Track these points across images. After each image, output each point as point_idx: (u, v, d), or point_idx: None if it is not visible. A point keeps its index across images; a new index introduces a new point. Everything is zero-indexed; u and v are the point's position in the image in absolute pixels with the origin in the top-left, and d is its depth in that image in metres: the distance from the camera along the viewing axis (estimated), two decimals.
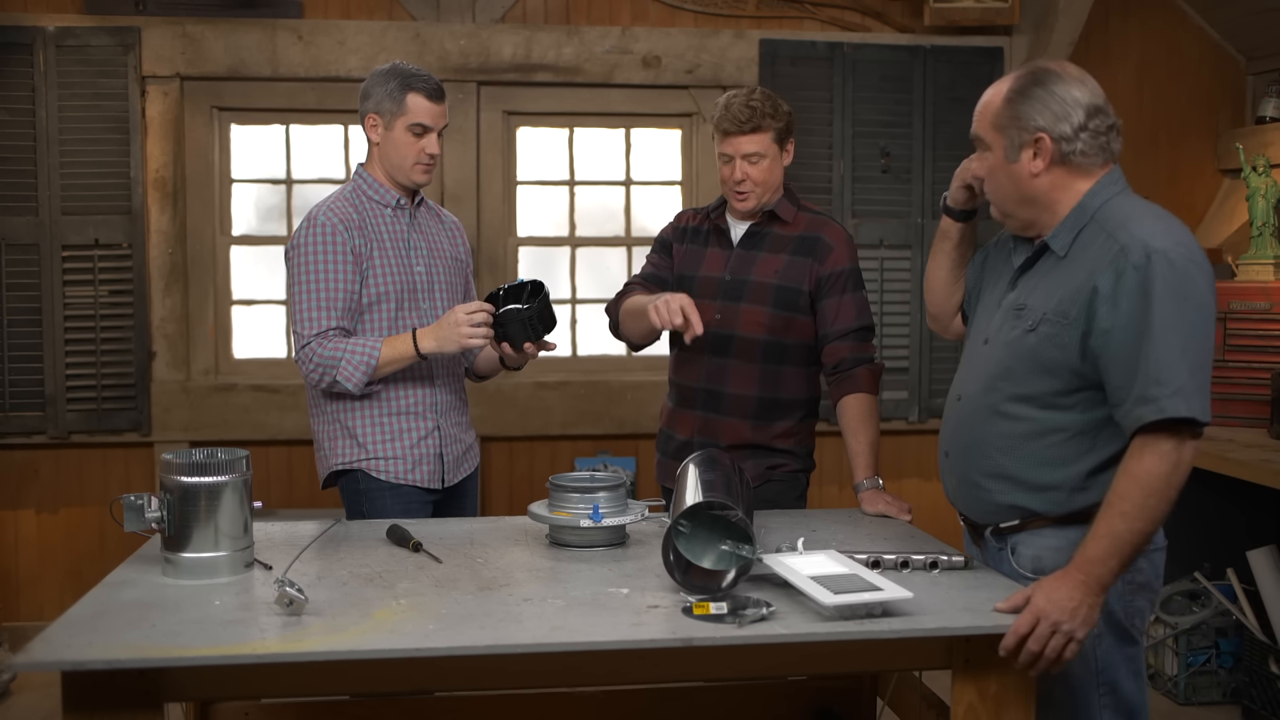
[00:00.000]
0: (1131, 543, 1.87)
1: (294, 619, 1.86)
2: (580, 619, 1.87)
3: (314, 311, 2.71)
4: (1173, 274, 1.86)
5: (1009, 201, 2.07)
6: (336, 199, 2.82)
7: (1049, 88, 1.98)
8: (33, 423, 4.24)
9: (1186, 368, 1.85)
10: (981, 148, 2.08)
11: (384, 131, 2.80)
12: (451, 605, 1.94)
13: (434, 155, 2.81)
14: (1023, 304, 2.06)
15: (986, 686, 1.90)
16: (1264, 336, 4.00)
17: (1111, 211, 1.98)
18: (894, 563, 2.17)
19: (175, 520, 2.12)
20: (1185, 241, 1.91)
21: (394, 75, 2.79)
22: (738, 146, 2.72)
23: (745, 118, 2.70)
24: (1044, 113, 1.98)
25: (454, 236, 3.02)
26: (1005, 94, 2.02)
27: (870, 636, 1.83)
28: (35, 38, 4.14)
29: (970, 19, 4.41)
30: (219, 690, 1.84)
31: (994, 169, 2.06)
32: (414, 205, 2.90)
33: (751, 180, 2.74)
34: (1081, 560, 1.89)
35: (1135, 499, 1.86)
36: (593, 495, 2.35)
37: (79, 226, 4.22)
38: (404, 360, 2.72)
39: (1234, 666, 3.86)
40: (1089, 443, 2.00)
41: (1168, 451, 1.86)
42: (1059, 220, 2.03)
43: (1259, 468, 3.38)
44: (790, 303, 2.75)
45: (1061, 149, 1.99)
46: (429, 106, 2.78)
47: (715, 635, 1.80)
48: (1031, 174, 2.01)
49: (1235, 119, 4.76)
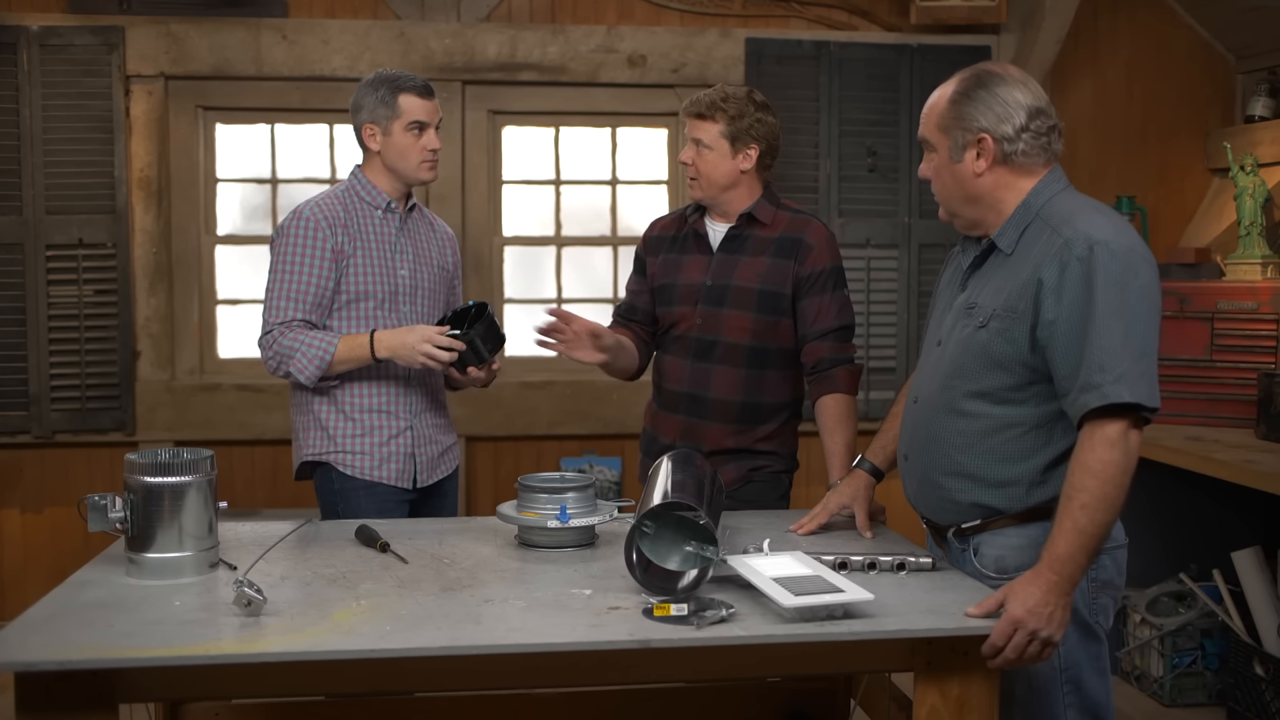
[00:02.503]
0: (1095, 535, 1.88)
1: (252, 620, 1.86)
2: (539, 620, 1.86)
3: (282, 301, 2.75)
4: (1114, 263, 1.89)
5: (954, 201, 2.11)
6: (327, 196, 2.86)
7: (991, 90, 2.02)
8: (17, 422, 4.23)
9: (1130, 354, 1.87)
10: (928, 149, 2.12)
11: (383, 138, 2.83)
12: (412, 606, 1.93)
13: (435, 150, 2.86)
14: (973, 303, 2.08)
15: (949, 689, 1.89)
16: (1251, 337, 3.98)
17: (1055, 208, 2.02)
18: (861, 564, 2.16)
19: (139, 520, 2.11)
20: (1127, 232, 1.95)
21: (381, 82, 2.84)
22: (690, 129, 2.75)
23: (705, 104, 2.73)
24: (986, 114, 2.02)
25: (444, 246, 3.03)
26: (949, 96, 2.06)
27: (829, 638, 1.82)
28: (19, 37, 4.14)
29: (957, 18, 4.40)
30: (174, 691, 1.84)
31: (939, 169, 2.10)
32: (406, 209, 2.90)
33: (695, 167, 2.75)
34: (1050, 559, 1.89)
35: (1092, 489, 1.87)
36: (561, 496, 2.34)
37: (63, 226, 4.21)
38: (359, 361, 2.74)
39: (1220, 668, 3.84)
40: (1045, 436, 2.02)
41: (1115, 439, 1.87)
42: (1004, 219, 2.06)
43: (1241, 468, 3.36)
44: (774, 306, 2.73)
45: (1004, 149, 2.03)
46: (422, 104, 2.82)
47: (673, 637, 1.79)
48: (975, 174, 2.05)
49: (1225, 118, 4.74)
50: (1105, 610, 2.06)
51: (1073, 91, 4.64)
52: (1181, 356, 4.01)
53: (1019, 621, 1.85)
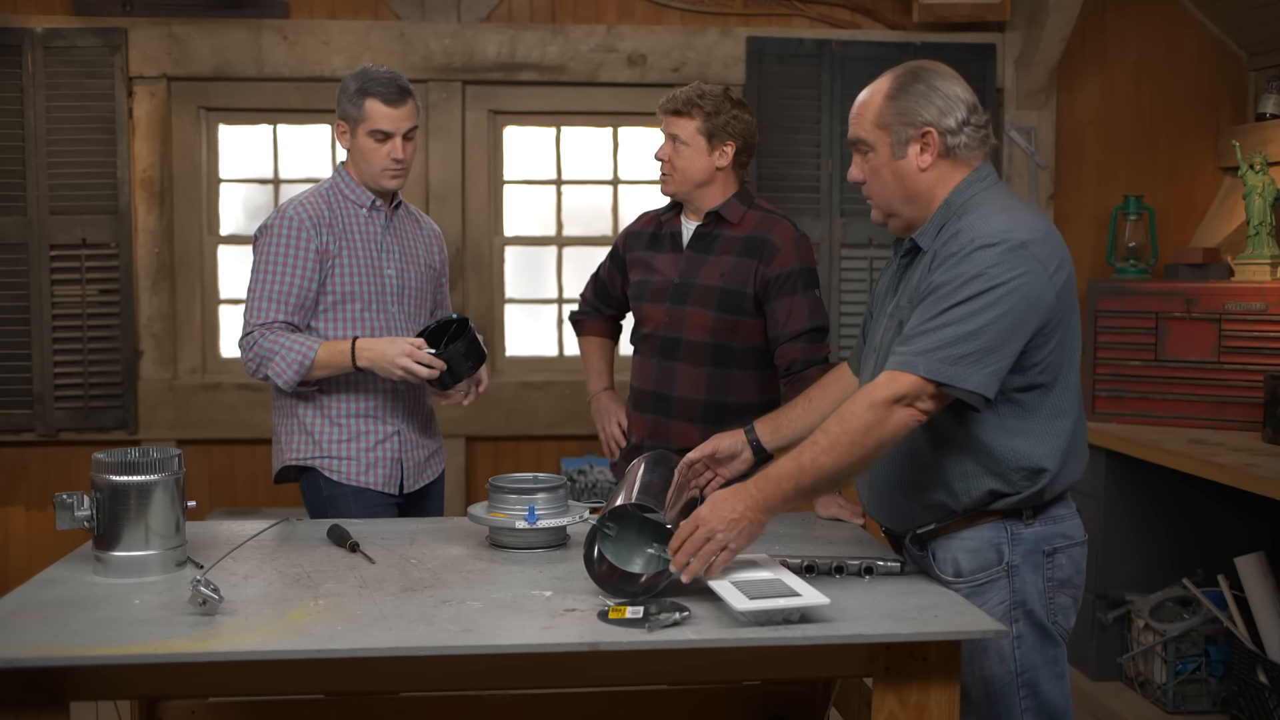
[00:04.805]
0: (812, 474, 1.89)
1: (206, 619, 1.85)
2: (491, 622, 1.85)
3: (264, 302, 2.71)
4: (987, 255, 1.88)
5: (894, 200, 2.06)
6: (311, 194, 2.82)
7: (930, 83, 2.00)
8: (21, 420, 4.27)
9: (965, 338, 1.85)
10: (861, 150, 2.07)
11: (351, 139, 2.79)
12: (368, 606, 1.93)
13: (400, 160, 2.77)
14: (899, 305, 2.07)
15: (908, 695, 1.86)
16: (1259, 338, 3.91)
17: (972, 204, 1.99)
18: (828, 567, 2.13)
19: (105, 519, 2.12)
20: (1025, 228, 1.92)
21: (355, 80, 2.78)
22: (667, 125, 2.76)
23: (682, 100, 2.74)
24: (928, 107, 2.00)
25: (431, 244, 2.99)
26: (886, 92, 2.02)
27: (782, 643, 1.80)
28: (23, 39, 4.18)
29: (960, 15, 4.35)
30: (125, 690, 1.84)
31: (878, 168, 2.05)
32: (391, 208, 2.87)
33: (670, 163, 2.75)
34: (761, 474, 1.93)
35: (833, 432, 1.90)
36: (530, 497, 2.32)
37: (66, 226, 4.25)
38: (339, 369, 2.70)
39: (1224, 675, 3.77)
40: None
41: (877, 404, 1.88)
42: None
43: (1241, 472, 3.30)
44: (734, 305, 2.72)
45: (947, 142, 2.00)
46: (387, 112, 2.73)
47: (623, 640, 1.78)
48: (919, 169, 2.02)
49: (1237, 116, 4.66)
50: (1064, 611, 2.03)
51: (1080, 90, 4.58)
52: (1188, 358, 3.94)
53: (701, 519, 1.88)
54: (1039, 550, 2.03)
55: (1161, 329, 3.98)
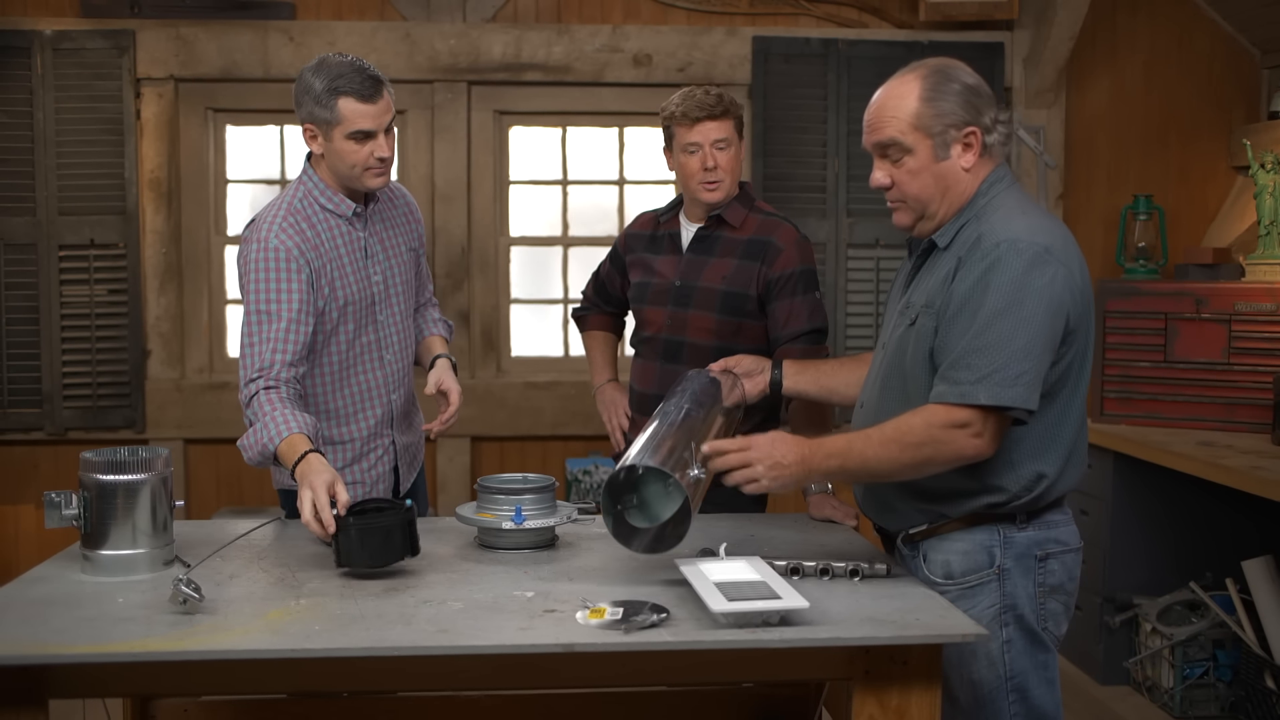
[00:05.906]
0: (859, 463, 1.94)
1: (185, 618, 1.86)
2: (469, 622, 1.85)
3: (263, 347, 2.43)
4: (1017, 260, 1.89)
5: (934, 201, 2.04)
6: (288, 213, 2.53)
7: (963, 82, 2.00)
8: (30, 419, 4.31)
9: (1009, 353, 1.86)
10: (895, 153, 2.03)
11: (324, 142, 2.50)
12: (348, 606, 1.93)
13: (384, 158, 2.50)
14: (910, 303, 2.06)
15: (888, 699, 1.85)
16: (1270, 339, 3.86)
17: (993, 204, 2.00)
18: (815, 570, 2.11)
19: (93, 518, 2.13)
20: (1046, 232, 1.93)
21: (319, 77, 2.45)
22: (706, 133, 2.70)
23: (713, 103, 2.71)
24: (967, 107, 2.00)
25: (408, 220, 2.77)
26: (920, 94, 2.00)
27: (760, 645, 1.78)
28: (32, 41, 4.21)
29: (968, 14, 4.32)
30: (104, 688, 1.84)
31: (918, 171, 2.02)
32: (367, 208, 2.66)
33: (722, 168, 2.71)
34: (820, 440, 1.98)
35: (887, 434, 1.93)
36: (517, 497, 2.32)
37: (75, 227, 4.28)
38: (282, 467, 2.36)
39: (1232, 680, 3.73)
40: None
41: (935, 425, 1.89)
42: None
43: (1248, 475, 3.26)
44: (737, 308, 2.71)
45: (986, 141, 2.01)
46: (365, 109, 2.44)
47: (597, 641, 1.77)
48: (964, 169, 2.01)
49: (1250, 114, 4.60)
50: (1055, 617, 2.01)
51: (1089, 89, 4.54)
52: (1198, 359, 3.89)
53: (754, 446, 1.94)
54: (1031, 555, 2.02)
55: (1171, 330, 3.93)
